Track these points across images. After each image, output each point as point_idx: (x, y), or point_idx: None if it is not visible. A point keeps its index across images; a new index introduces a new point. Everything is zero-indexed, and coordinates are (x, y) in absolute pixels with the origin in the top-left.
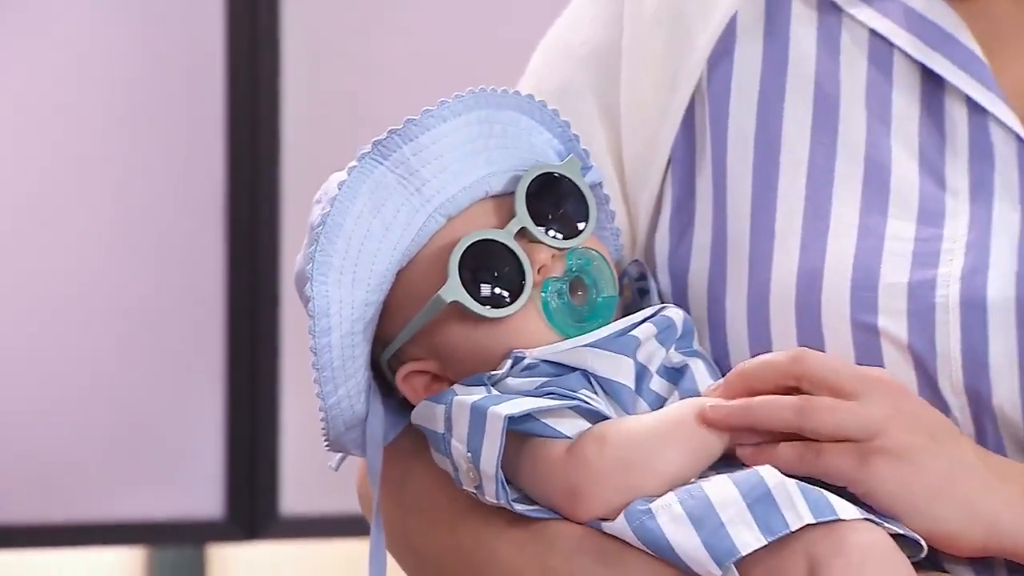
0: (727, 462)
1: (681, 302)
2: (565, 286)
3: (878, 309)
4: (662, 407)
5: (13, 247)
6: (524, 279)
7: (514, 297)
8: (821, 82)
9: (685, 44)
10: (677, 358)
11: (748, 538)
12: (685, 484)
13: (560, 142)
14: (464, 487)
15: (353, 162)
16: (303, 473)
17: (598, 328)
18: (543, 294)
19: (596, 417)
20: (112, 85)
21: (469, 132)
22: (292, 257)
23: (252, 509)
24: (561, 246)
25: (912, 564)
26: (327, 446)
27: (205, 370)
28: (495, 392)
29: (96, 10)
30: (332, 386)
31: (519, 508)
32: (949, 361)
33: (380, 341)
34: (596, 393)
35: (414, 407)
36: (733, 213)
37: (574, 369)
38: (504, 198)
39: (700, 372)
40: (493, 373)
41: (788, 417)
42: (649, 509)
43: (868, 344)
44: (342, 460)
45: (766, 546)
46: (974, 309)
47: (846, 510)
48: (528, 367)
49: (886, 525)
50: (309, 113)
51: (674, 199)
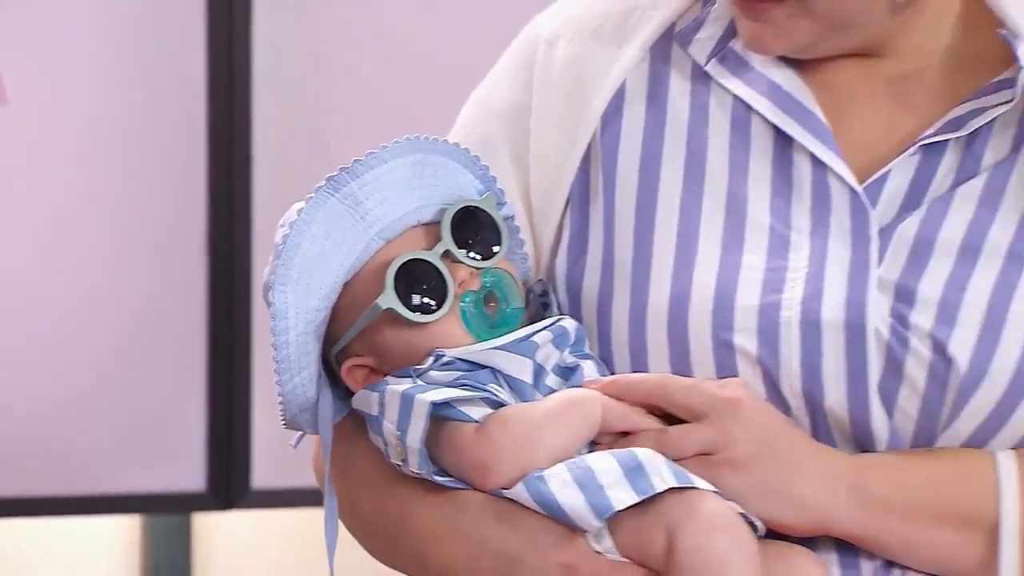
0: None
1: (576, 314)
2: (480, 298)
3: (734, 328)
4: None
5: (19, 253)
6: (447, 292)
7: (438, 306)
8: (692, 139)
9: (583, 106)
10: (570, 359)
11: (623, 496)
12: (570, 458)
13: (481, 183)
14: (392, 460)
15: (310, 194)
16: (272, 453)
17: (506, 334)
18: (462, 304)
19: (500, 406)
20: (108, 102)
21: (405, 172)
22: (263, 268)
23: (229, 483)
24: (478, 266)
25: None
26: (284, 424)
27: (190, 367)
28: (420, 383)
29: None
30: (288, 375)
31: (437, 479)
32: (790, 371)
33: (329, 340)
34: (502, 387)
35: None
36: (619, 244)
37: (484, 367)
38: (433, 226)
39: (589, 371)
40: (418, 367)
41: (651, 439)
42: (542, 476)
43: (725, 356)
44: (300, 439)
45: (634, 511)
46: (811, 328)
47: (701, 482)
48: (446, 363)
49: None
50: (279, 137)
51: (571, 230)
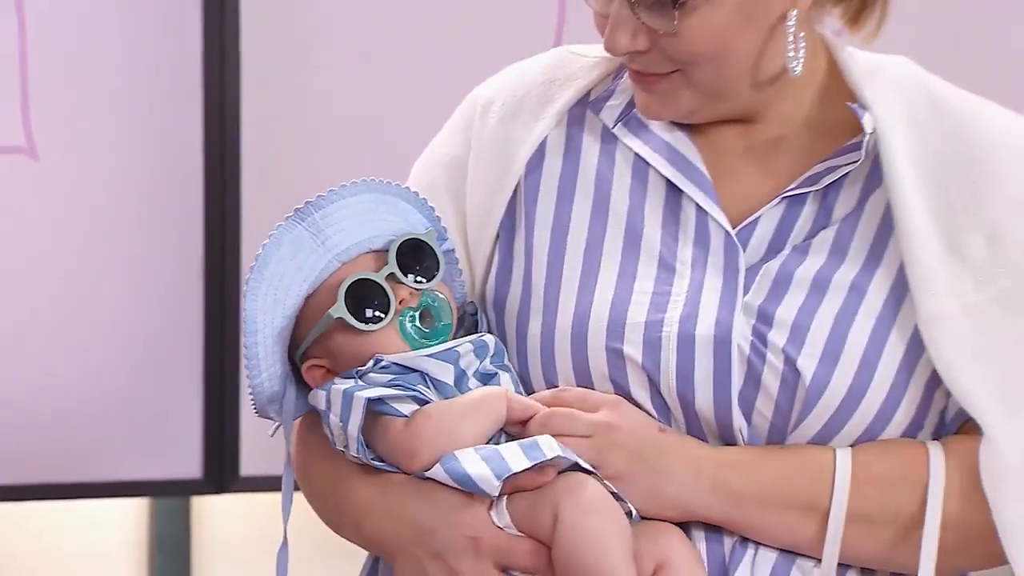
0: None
1: (501, 331)
2: (416, 315)
3: (623, 340)
4: None
5: (46, 278)
6: (389, 307)
7: (381, 319)
8: (599, 187)
9: (510, 158)
10: (490, 368)
11: (519, 462)
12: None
13: (427, 220)
14: (337, 447)
15: (280, 222)
16: (258, 446)
17: (437, 345)
18: (400, 318)
19: (426, 403)
20: (118, 158)
21: (361, 207)
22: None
23: (221, 471)
24: (418, 287)
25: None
26: (256, 412)
27: (188, 373)
28: (360, 383)
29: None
30: (256, 371)
31: (374, 464)
32: (668, 377)
33: (293, 344)
34: (429, 388)
35: None
36: (535, 272)
37: (414, 370)
38: (382, 253)
39: (505, 380)
40: (360, 369)
41: (542, 421)
42: (455, 456)
43: (617, 364)
44: (276, 428)
45: (528, 494)
46: (686, 342)
47: (584, 463)
48: (383, 367)
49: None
50: (266, 144)
51: (499, 261)
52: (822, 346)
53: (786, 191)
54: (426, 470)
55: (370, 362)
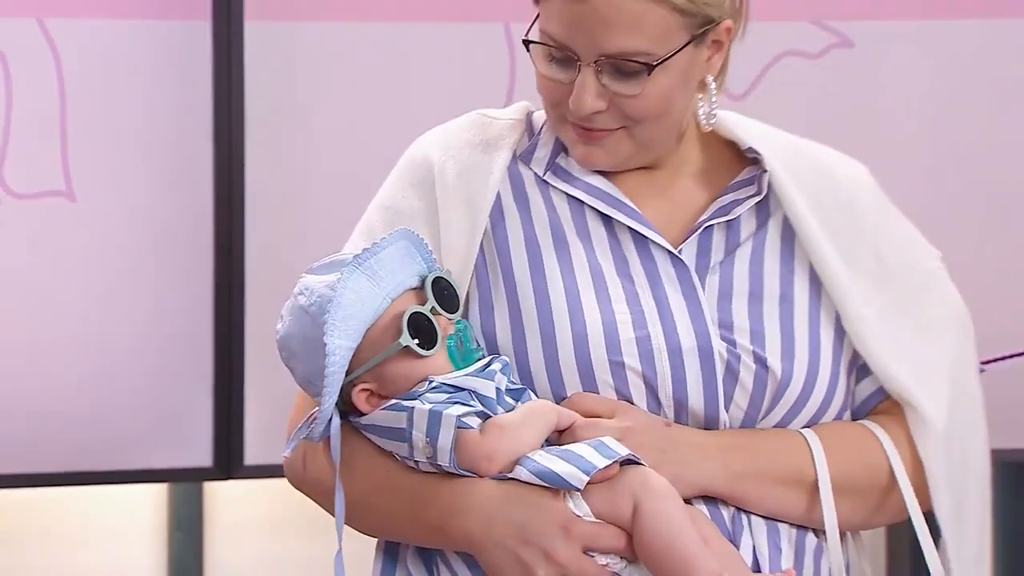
0: None
1: (491, 353)
2: (456, 340)
3: (623, 353)
4: (514, 409)
5: (83, 299)
6: (436, 335)
7: (433, 345)
8: (553, 227)
9: (474, 212)
10: (513, 385)
11: (598, 460)
12: (537, 449)
13: (427, 261)
14: (416, 458)
15: (342, 270)
16: (260, 440)
17: (471, 365)
18: (448, 344)
19: (485, 417)
20: (142, 199)
21: (399, 252)
22: (254, 304)
23: (229, 461)
24: (451, 317)
25: None
26: (311, 435)
27: (201, 378)
28: (429, 403)
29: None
30: (330, 398)
31: (459, 472)
32: (665, 382)
33: (347, 372)
34: (476, 403)
35: (357, 413)
36: (523, 303)
37: (463, 389)
38: (416, 289)
39: (531, 395)
40: (416, 391)
41: (583, 428)
42: (532, 457)
43: (619, 374)
44: (292, 448)
45: (603, 485)
46: (675, 353)
47: (642, 460)
48: (435, 387)
49: None
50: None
51: (479, 296)
52: (779, 345)
53: (704, 221)
54: (503, 472)
55: (424, 384)
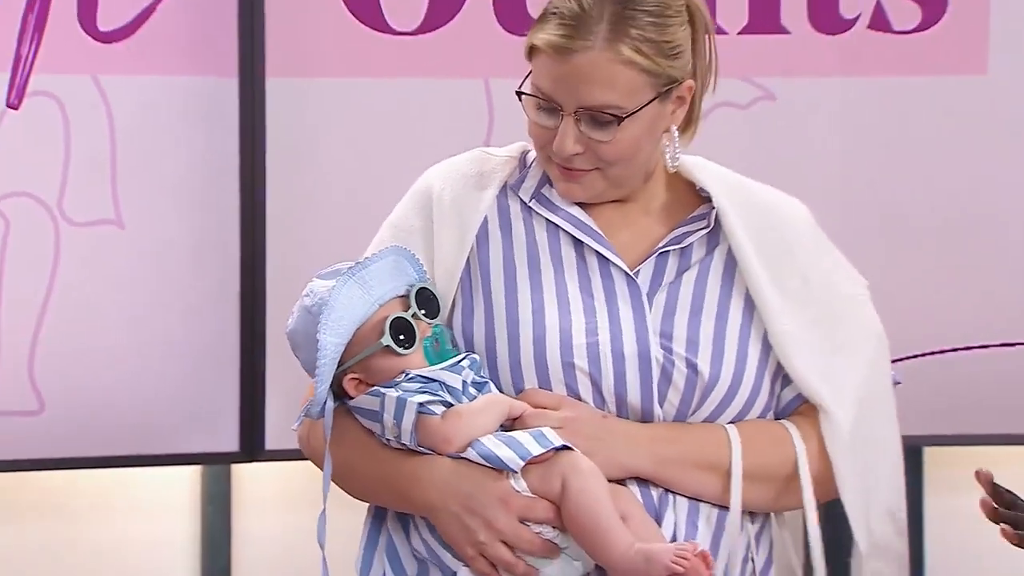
0: None
1: (468, 351)
2: (431, 341)
3: (574, 356)
4: (475, 399)
5: (128, 311)
6: (415, 336)
7: (412, 345)
8: (529, 249)
9: (463, 233)
10: (479, 378)
11: (534, 448)
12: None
13: (418, 274)
14: (386, 437)
15: (337, 278)
16: (278, 428)
17: (444, 362)
18: (424, 344)
19: (449, 405)
20: (179, 225)
21: (389, 265)
22: (276, 311)
23: (252, 446)
24: (430, 322)
25: None
26: (309, 414)
27: (229, 378)
28: (403, 391)
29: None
30: (323, 386)
31: (419, 449)
32: (608, 381)
33: (339, 364)
34: (444, 393)
35: (349, 397)
36: (496, 311)
37: (434, 380)
38: (403, 297)
39: (492, 388)
40: (395, 380)
41: (531, 418)
42: (482, 441)
43: (570, 373)
44: (298, 424)
45: (539, 464)
46: (618, 357)
47: (576, 448)
48: (411, 379)
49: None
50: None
51: (462, 305)
52: (710, 353)
53: (659, 248)
54: (459, 452)
55: (402, 376)
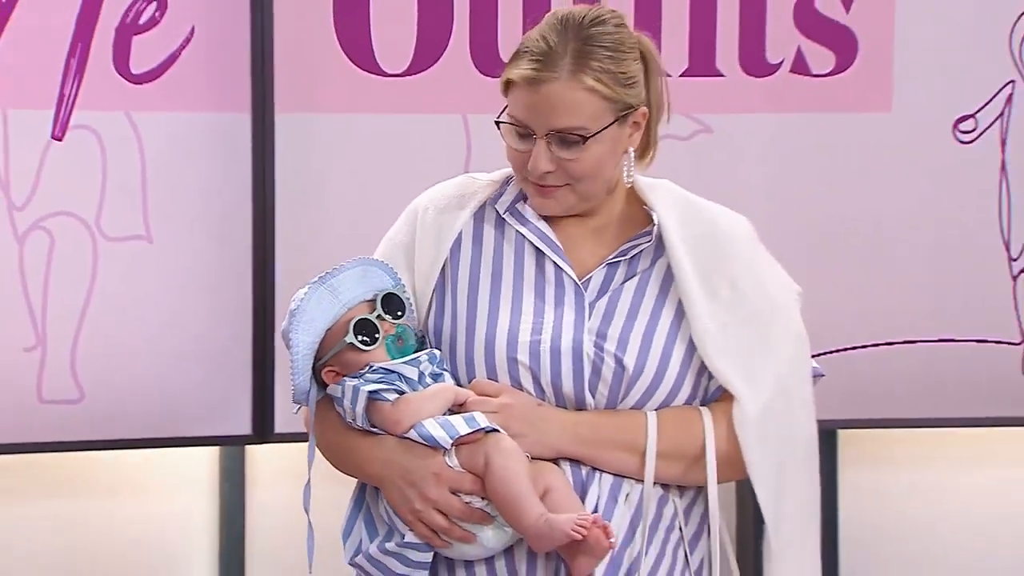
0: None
1: (438, 347)
2: (394, 339)
3: (518, 352)
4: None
5: (159, 315)
6: (378, 335)
7: (374, 342)
8: (495, 260)
9: (440, 245)
10: (437, 371)
11: (462, 429)
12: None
13: (394, 281)
14: (347, 420)
15: (309, 284)
16: (286, 414)
17: (405, 356)
18: (386, 341)
19: (402, 393)
20: (201, 242)
21: (357, 273)
22: (284, 310)
23: (264, 429)
24: (395, 322)
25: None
26: (293, 400)
27: (243, 371)
28: (362, 381)
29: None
30: (297, 375)
31: (372, 430)
32: (545, 374)
33: (317, 358)
34: (403, 383)
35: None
36: (459, 314)
37: (393, 372)
38: (371, 301)
39: (447, 379)
40: (360, 372)
41: (471, 404)
42: (423, 423)
43: (513, 366)
44: (298, 409)
45: (469, 445)
46: (555, 353)
47: (502, 430)
48: (374, 370)
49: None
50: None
51: (435, 308)
52: (637, 350)
53: (609, 259)
54: (405, 433)
55: (366, 368)
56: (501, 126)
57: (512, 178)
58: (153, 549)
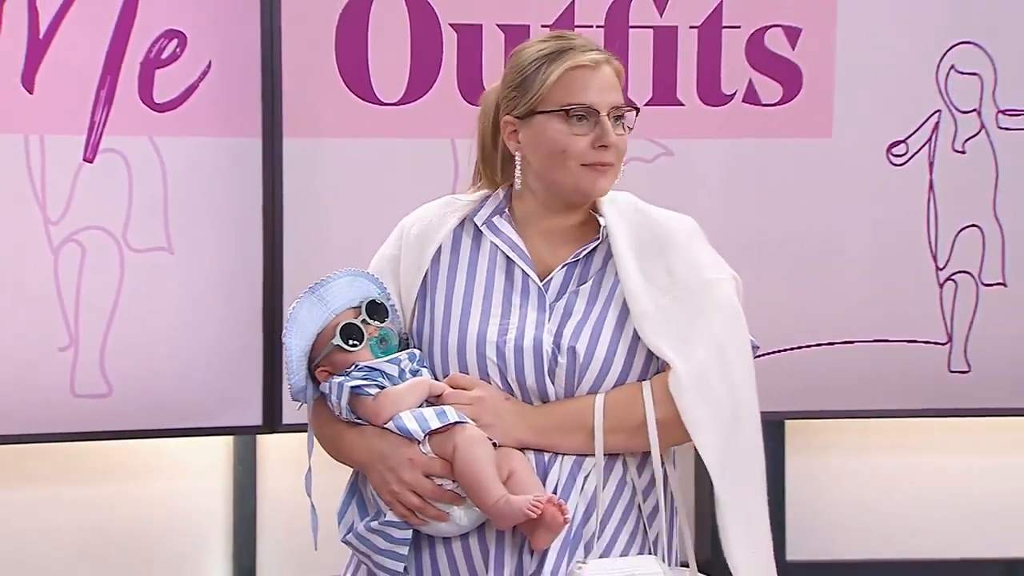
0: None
1: (420, 346)
2: (378, 341)
3: (486, 350)
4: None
5: (180, 316)
6: (363, 337)
7: (359, 344)
8: (469, 268)
9: (422, 257)
10: (416, 367)
11: (434, 422)
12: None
13: (379, 289)
14: (336, 412)
15: (302, 295)
16: (293, 407)
17: (387, 356)
18: (370, 343)
19: (383, 388)
20: (218, 252)
21: (344, 283)
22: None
23: (273, 421)
24: (378, 326)
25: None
26: (292, 398)
27: (254, 368)
28: (348, 378)
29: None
30: (292, 375)
31: (356, 422)
32: (511, 369)
33: (311, 359)
34: (385, 379)
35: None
36: (436, 317)
37: (377, 370)
38: (357, 307)
39: (425, 374)
40: (347, 371)
41: (447, 398)
42: (400, 416)
43: (483, 363)
44: (300, 406)
45: (441, 434)
46: (519, 350)
47: (470, 421)
48: (360, 368)
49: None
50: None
51: (418, 312)
52: (587, 339)
53: (565, 263)
54: (385, 423)
55: (352, 367)
56: (544, 122)
57: (489, 197)
58: (174, 528)
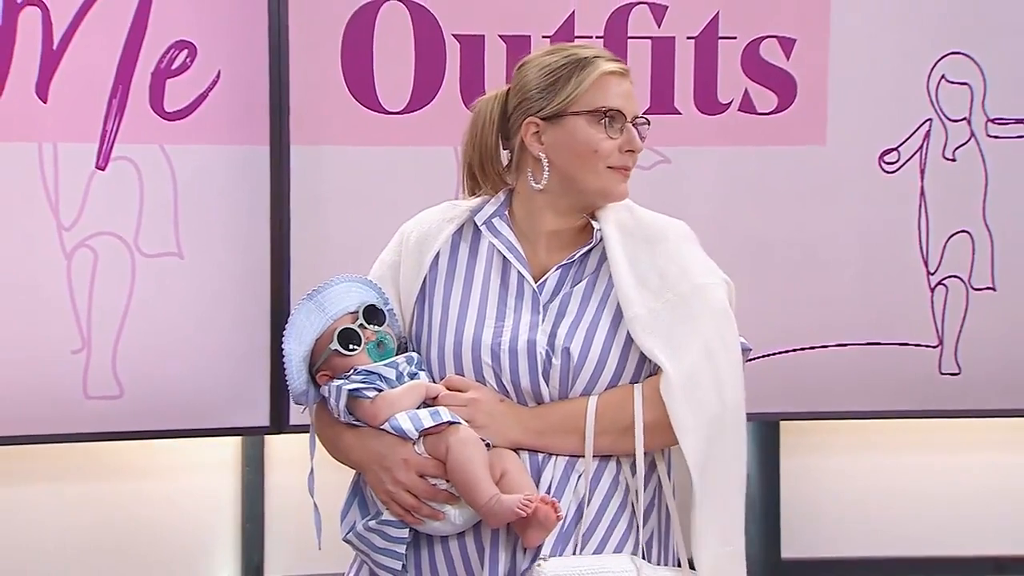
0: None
1: (418, 350)
2: (375, 345)
3: (482, 352)
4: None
5: (188, 318)
6: (361, 341)
7: (357, 349)
8: (467, 272)
9: (421, 262)
10: (414, 370)
11: (427, 422)
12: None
13: (378, 294)
14: (335, 415)
15: (300, 301)
16: (297, 411)
17: (384, 359)
18: (368, 347)
19: (380, 391)
20: (226, 257)
21: (342, 289)
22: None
23: (279, 422)
24: (375, 330)
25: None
26: (294, 401)
27: (262, 372)
28: (347, 381)
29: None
30: (292, 380)
31: (354, 423)
32: (505, 371)
33: (311, 364)
34: (383, 382)
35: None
36: (434, 320)
37: (375, 373)
38: (354, 313)
39: (423, 377)
40: (346, 374)
41: (443, 399)
42: (395, 416)
43: (478, 366)
44: (304, 409)
45: (434, 434)
46: (512, 352)
47: (464, 422)
48: (359, 372)
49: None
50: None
51: (416, 316)
52: (581, 341)
53: (559, 265)
54: (382, 425)
55: (351, 371)
56: (577, 124)
57: (488, 201)
58: (184, 525)
